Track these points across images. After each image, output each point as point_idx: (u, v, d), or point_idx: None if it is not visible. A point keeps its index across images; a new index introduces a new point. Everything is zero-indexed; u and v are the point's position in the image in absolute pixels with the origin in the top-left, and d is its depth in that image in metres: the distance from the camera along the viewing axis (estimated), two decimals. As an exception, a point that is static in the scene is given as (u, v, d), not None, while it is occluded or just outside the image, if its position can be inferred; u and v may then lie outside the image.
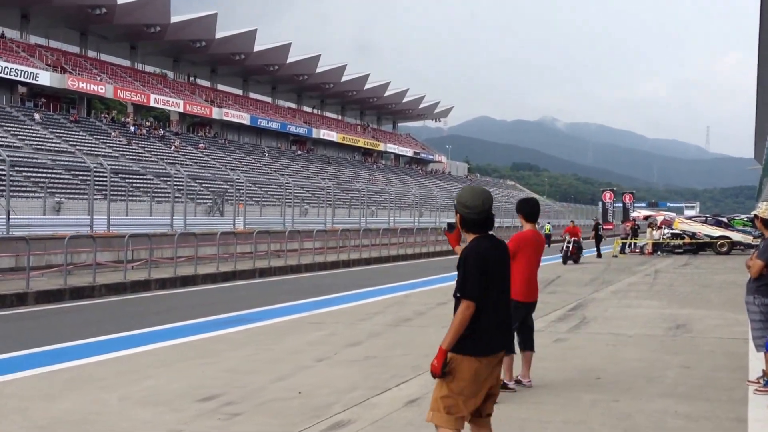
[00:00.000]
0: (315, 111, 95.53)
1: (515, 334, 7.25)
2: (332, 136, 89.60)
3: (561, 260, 27.04)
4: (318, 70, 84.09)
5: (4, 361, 9.00)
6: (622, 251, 35.08)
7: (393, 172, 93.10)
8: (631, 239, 37.44)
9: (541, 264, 7.71)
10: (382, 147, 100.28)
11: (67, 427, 5.95)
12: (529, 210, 7.44)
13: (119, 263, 19.07)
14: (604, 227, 61.72)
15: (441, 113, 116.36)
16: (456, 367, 4.12)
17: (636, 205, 76.59)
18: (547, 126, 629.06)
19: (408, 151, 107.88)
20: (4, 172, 22.66)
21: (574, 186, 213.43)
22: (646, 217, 41.97)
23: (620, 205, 71.70)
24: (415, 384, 7.40)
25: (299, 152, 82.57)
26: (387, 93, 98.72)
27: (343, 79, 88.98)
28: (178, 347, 9.67)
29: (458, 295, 4.15)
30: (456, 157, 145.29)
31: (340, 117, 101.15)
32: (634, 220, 43.07)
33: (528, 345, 7.47)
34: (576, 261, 27.05)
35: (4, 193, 20.66)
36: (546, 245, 9.47)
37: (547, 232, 48.52)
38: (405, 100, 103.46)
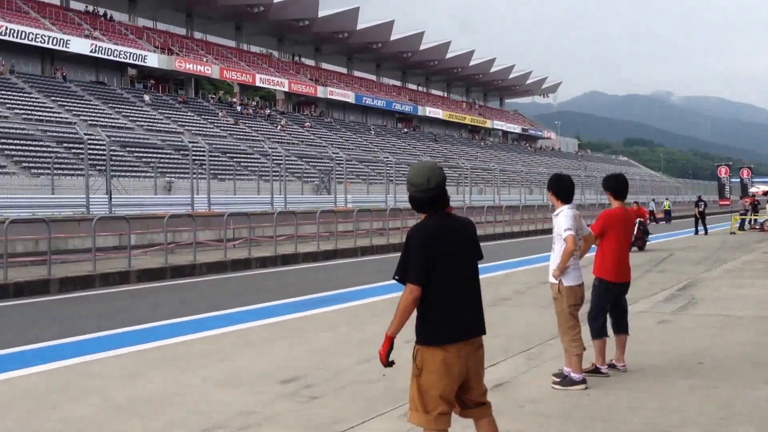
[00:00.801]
0: (420, 88, 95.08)
1: (607, 316, 6.74)
2: (438, 113, 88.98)
3: None
4: (422, 47, 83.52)
5: (95, 340, 9.03)
6: (741, 228, 33.25)
7: (501, 149, 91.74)
8: (751, 215, 35.43)
9: (653, 242, 7.06)
10: (489, 124, 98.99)
11: (145, 408, 5.81)
12: (618, 187, 6.77)
13: (219, 242, 19.25)
14: (720, 203, 58.99)
15: (549, 88, 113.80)
16: (422, 360, 3.77)
17: (756, 180, 72.77)
18: (661, 100, 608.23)
19: (516, 128, 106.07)
20: (114, 153, 23.41)
21: (692, 161, 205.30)
22: (766, 193, 39.73)
23: (738, 180, 68.29)
24: (504, 367, 6.98)
25: (405, 130, 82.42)
26: (493, 69, 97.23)
27: (448, 55, 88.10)
28: (267, 327, 9.51)
29: (396, 278, 3.79)
30: (566, 133, 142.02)
31: (445, 94, 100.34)
32: (754, 195, 40.87)
33: (622, 327, 6.92)
34: (641, 248, 22.85)
35: (116, 174, 21.13)
36: (666, 222, 8.60)
37: (667, 208, 47.41)
38: (511, 76, 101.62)
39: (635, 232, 23.82)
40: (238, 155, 47.11)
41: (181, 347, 8.27)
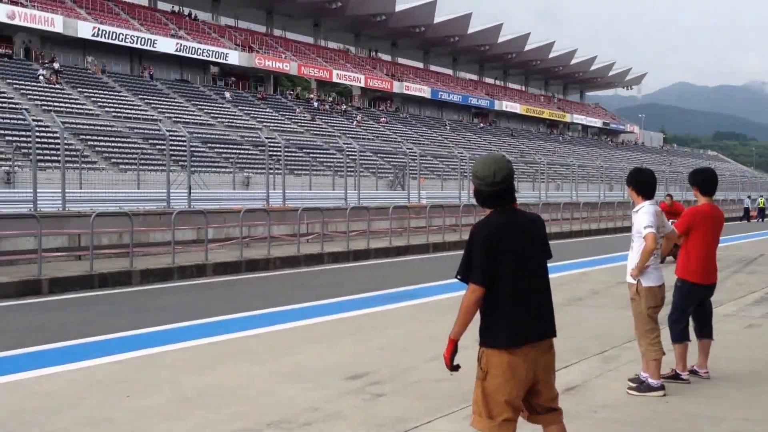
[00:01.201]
0: (497, 82, 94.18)
1: (690, 319, 6.51)
2: (515, 107, 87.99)
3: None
4: (500, 40, 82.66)
5: (169, 331, 9.26)
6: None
7: (580, 144, 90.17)
8: None
9: (743, 241, 6.79)
10: (568, 118, 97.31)
11: (212, 401, 5.95)
12: (706, 182, 6.44)
13: (293, 237, 19.51)
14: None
15: (633, 80, 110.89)
16: (488, 363, 3.65)
17: None
18: (754, 91, 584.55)
19: (596, 122, 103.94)
20: (196, 149, 24.03)
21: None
22: None
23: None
24: (576, 370, 6.84)
25: (481, 125, 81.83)
26: (573, 61, 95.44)
27: (526, 48, 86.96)
28: (336, 322, 9.60)
29: (459, 277, 3.68)
30: (650, 126, 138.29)
31: (523, 88, 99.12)
32: None
33: (705, 332, 6.60)
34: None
35: (196, 169, 21.63)
36: (760, 220, 8.04)
37: (761, 205, 46.10)
38: (593, 68, 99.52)
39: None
40: (314, 151, 47.61)
41: (251, 341, 8.41)
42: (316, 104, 63.19)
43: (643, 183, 6.11)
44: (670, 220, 7.11)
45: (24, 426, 5.36)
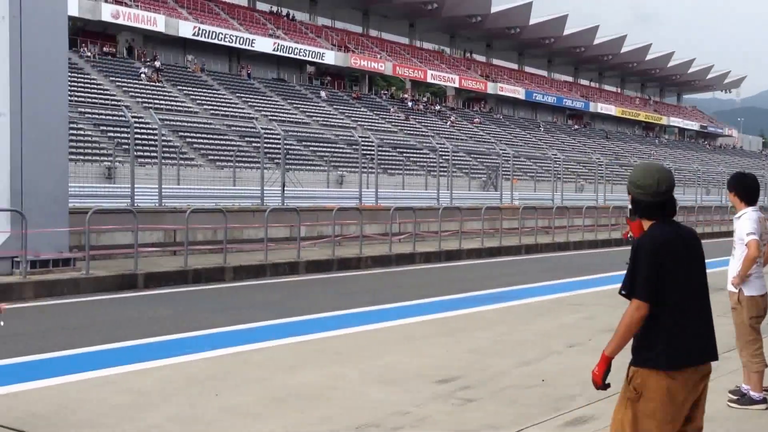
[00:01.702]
0: (592, 84, 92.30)
1: None
2: (610, 109, 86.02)
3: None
4: (596, 42, 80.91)
5: (260, 329, 9.28)
6: None
7: (676, 147, 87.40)
8: None
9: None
10: (664, 120, 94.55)
11: (300, 401, 5.89)
12: (747, 189, 5.90)
13: (385, 236, 19.45)
14: None
15: (732, 83, 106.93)
16: (643, 384, 3.35)
17: None
18: None
19: (693, 125, 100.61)
20: (291, 147, 24.32)
21: None
22: None
23: None
24: (676, 382, 6.46)
25: (576, 127, 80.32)
26: (671, 63, 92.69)
27: (623, 50, 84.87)
28: (425, 324, 9.45)
29: (623, 292, 3.40)
30: (750, 130, 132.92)
31: (618, 90, 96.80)
32: None
33: None
34: None
35: (291, 167, 21.87)
36: None
37: None
38: (690, 70, 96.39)
39: None
40: (408, 150, 47.63)
41: (341, 340, 8.35)
42: (410, 104, 63.27)
43: (746, 188, 5.85)
44: None
45: (114, 421, 5.39)
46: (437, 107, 66.48)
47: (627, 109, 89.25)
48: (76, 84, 38.34)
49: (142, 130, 32.81)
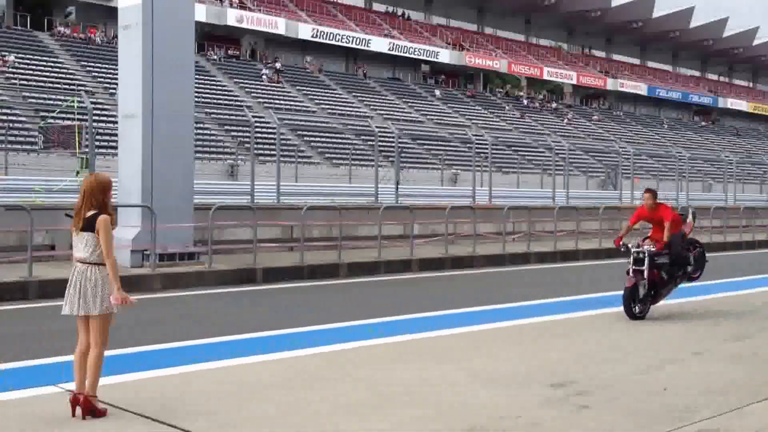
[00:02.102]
0: (721, 78, 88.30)
1: None
2: (741, 105, 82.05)
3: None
4: (725, 35, 77.36)
5: (372, 326, 9.34)
6: None
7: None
8: None
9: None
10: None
11: (408, 400, 5.89)
12: None
13: (499, 235, 19.30)
14: None
15: None
16: None
17: None
18: None
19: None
20: (405, 145, 24.52)
21: None
22: None
23: None
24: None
25: (703, 123, 77.18)
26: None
27: (755, 42, 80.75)
28: (538, 326, 9.29)
29: None
30: None
31: (750, 84, 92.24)
32: None
33: None
34: (650, 302, 10.11)
35: (405, 165, 22.01)
36: None
37: None
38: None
39: (645, 271, 9.85)
40: (523, 149, 47.06)
41: (451, 340, 8.32)
42: (525, 102, 62.48)
43: None
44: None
45: (226, 410, 5.57)
46: (554, 105, 65.33)
47: (760, 105, 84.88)
48: (202, 86, 39.82)
49: (263, 130, 33.74)
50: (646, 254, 9.80)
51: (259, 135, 30.48)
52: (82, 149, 19.24)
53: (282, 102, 44.51)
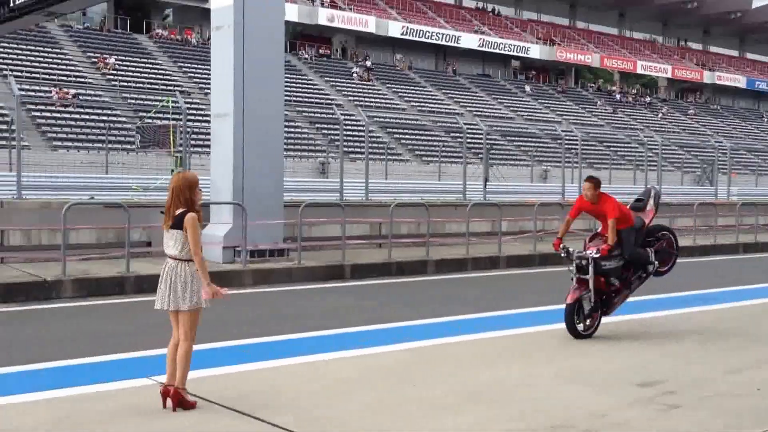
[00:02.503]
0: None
1: None
2: None
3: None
4: (836, 24, 73.78)
5: (456, 322, 9.38)
6: None
7: None
8: None
9: None
10: None
11: (494, 398, 5.91)
12: None
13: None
14: None
15: None
16: None
17: None
18: None
19: None
20: (495, 142, 24.35)
21: None
22: None
23: None
24: None
25: (806, 116, 73.85)
26: None
27: None
28: (625, 324, 9.09)
29: None
30: None
31: None
32: None
33: None
34: (602, 313, 8.45)
35: (495, 161, 21.89)
36: None
37: None
38: None
39: (589, 271, 8.44)
40: (615, 144, 46.07)
41: (537, 337, 8.26)
42: (618, 96, 61.12)
43: None
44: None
45: (312, 406, 5.68)
46: (647, 99, 63.66)
47: None
48: (294, 85, 40.55)
49: (352, 127, 34.11)
50: (590, 260, 8.14)
51: (349, 133, 30.86)
52: (177, 148, 19.84)
53: (372, 100, 44.85)
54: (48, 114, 31.57)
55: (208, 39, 40.00)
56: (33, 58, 36.03)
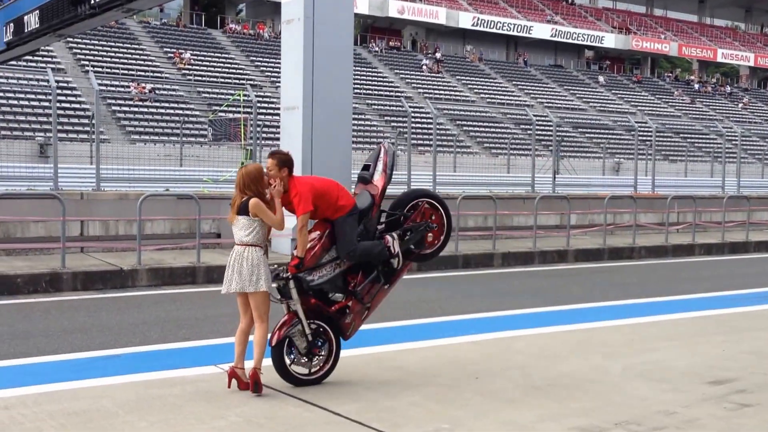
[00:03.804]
0: None
1: None
2: None
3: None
4: None
5: (523, 316, 9.33)
6: None
7: None
8: None
9: None
10: None
11: (560, 392, 5.86)
12: None
13: (661, 225, 18.56)
14: None
15: None
16: None
17: None
18: None
19: None
20: (566, 134, 23.98)
21: None
22: None
23: None
24: None
25: None
26: None
27: None
28: (698, 320, 8.91)
29: None
30: None
31: None
32: None
33: None
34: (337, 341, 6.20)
35: (566, 154, 21.60)
36: None
37: None
38: None
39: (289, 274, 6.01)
40: (692, 135, 44.89)
41: (606, 332, 8.14)
42: (696, 86, 59.49)
43: None
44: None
45: (376, 397, 5.72)
46: (728, 88, 61.78)
47: None
48: (363, 77, 40.72)
49: (421, 120, 34.06)
50: (291, 280, 5.77)
51: (417, 125, 30.82)
52: (248, 141, 20.15)
53: (442, 92, 44.71)
54: (126, 108, 32.46)
55: (280, 33, 40.56)
56: (113, 54, 37.08)
